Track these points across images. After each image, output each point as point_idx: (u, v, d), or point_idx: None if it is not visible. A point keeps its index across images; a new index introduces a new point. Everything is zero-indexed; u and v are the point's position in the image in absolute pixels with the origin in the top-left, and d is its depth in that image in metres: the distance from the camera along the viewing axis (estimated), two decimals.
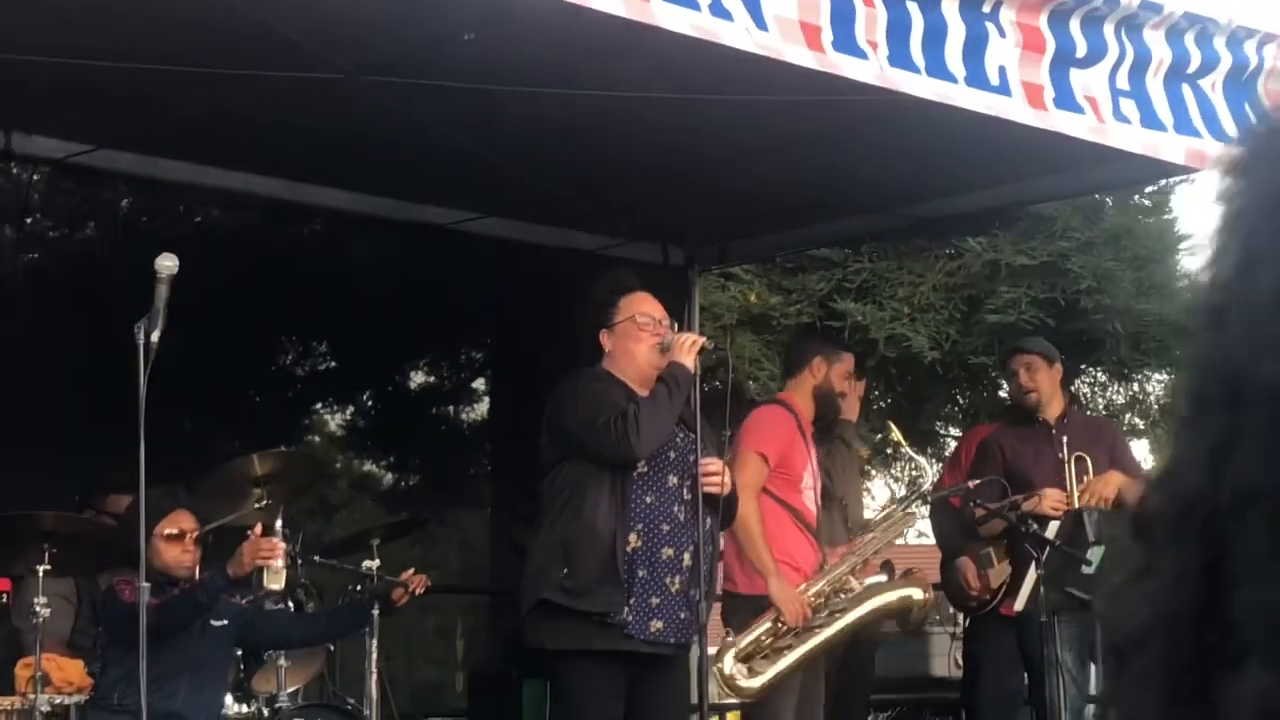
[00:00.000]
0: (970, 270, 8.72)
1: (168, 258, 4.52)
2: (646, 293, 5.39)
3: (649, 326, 5.24)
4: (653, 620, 4.97)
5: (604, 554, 4.95)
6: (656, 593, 4.98)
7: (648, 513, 5.02)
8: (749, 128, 6.68)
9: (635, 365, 5.21)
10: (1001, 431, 6.92)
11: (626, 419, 4.96)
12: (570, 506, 5.04)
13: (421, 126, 6.41)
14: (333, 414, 12.98)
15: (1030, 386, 6.66)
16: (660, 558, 5.00)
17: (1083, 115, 5.58)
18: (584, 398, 5.12)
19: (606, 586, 4.94)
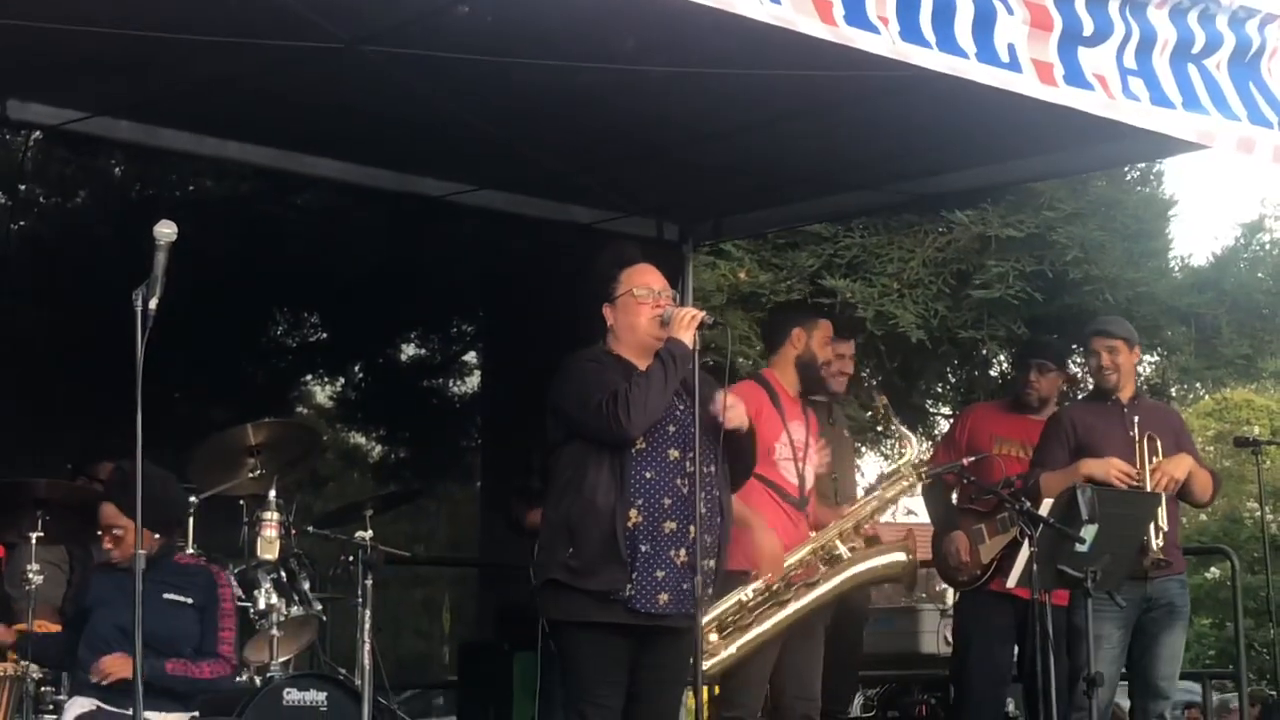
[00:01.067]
0: (958, 244, 8.72)
1: (166, 225, 4.49)
2: (648, 264, 5.37)
3: (648, 299, 5.22)
4: (659, 593, 4.97)
5: (605, 532, 4.95)
6: (661, 566, 4.97)
7: (648, 488, 5.01)
8: (745, 103, 6.68)
9: (636, 338, 5.20)
10: (1075, 407, 6.92)
11: (618, 399, 4.95)
12: (572, 485, 5.05)
13: (418, 97, 6.40)
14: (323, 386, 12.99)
15: (1111, 368, 6.68)
16: (663, 532, 4.99)
17: (1093, 92, 5.57)
18: (578, 379, 5.11)
19: (610, 565, 4.94)
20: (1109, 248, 8.53)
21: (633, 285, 5.24)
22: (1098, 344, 6.75)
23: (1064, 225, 8.49)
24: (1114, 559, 5.97)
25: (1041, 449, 6.72)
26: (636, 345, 5.21)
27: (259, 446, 6.45)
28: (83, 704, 5.34)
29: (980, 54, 5.45)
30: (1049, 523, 5.85)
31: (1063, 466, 6.53)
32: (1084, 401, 7.04)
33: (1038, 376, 7.26)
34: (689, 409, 5.11)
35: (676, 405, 5.15)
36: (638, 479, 4.99)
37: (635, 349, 5.21)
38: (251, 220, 9.82)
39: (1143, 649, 6.55)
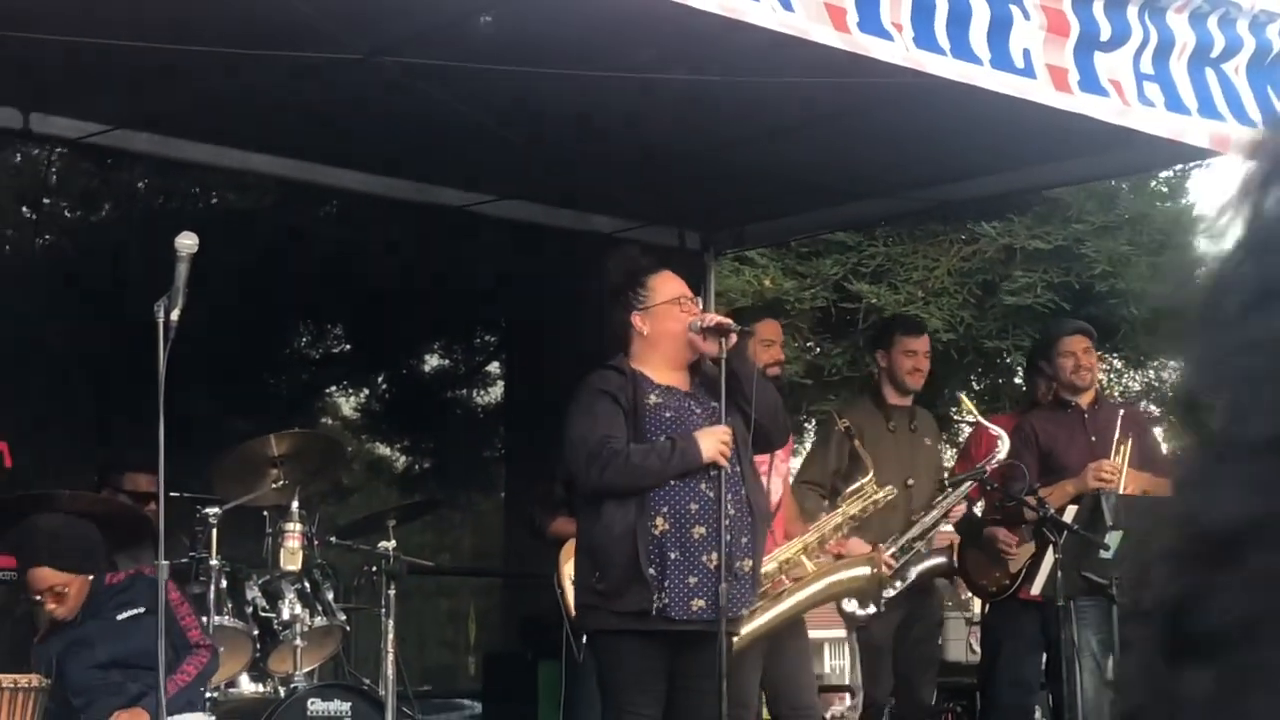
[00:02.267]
0: (985, 254, 8.71)
1: (187, 236, 4.51)
2: (669, 270, 5.37)
3: (689, 307, 5.24)
4: (693, 599, 4.96)
5: (627, 554, 4.94)
6: (693, 571, 4.96)
7: (672, 495, 4.99)
8: (766, 111, 6.67)
9: (674, 347, 5.17)
10: (1035, 416, 6.89)
11: (604, 456, 4.92)
12: (591, 507, 5.05)
13: (438, 108, 6.40)
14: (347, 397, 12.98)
15: (1088, 367, 6.66)
16: (692, 537, 4.97)
17: (1107, 98, 5.57)
18: (585, 412, 5.08)
19: (636, 585, 4.94)
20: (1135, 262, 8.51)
21: (672, 294, 5.22)
22: (1075, 344, 6.70)
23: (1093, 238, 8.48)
24: None
25: (1020, 451, 6.62)
26: (671, 355, 5.18)
27: (282, 457, 6.45)
28: None
29: (994, 60, 5.46)
30: (1073, 529, 5.84)
31: (1034, 476, 6.49)
32: (1044, 411, 6.97)
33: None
34: (707, 414, 5.10)
35: (694, 410, 5.13)
36: (662, 487, 4.98)
37: (666, 359, 5.18)
38: (274, 232, 9.84)
39: None
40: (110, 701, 5.39)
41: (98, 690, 5.48)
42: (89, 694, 5.48)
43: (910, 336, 6.98)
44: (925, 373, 6.96)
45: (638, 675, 5.03)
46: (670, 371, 5.18)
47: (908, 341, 6.93)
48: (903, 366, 6.90)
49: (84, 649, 5.51)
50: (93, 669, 5.47)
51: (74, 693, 5.50)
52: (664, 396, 5.13)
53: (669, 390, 5.16)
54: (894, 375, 6.93)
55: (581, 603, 5.12)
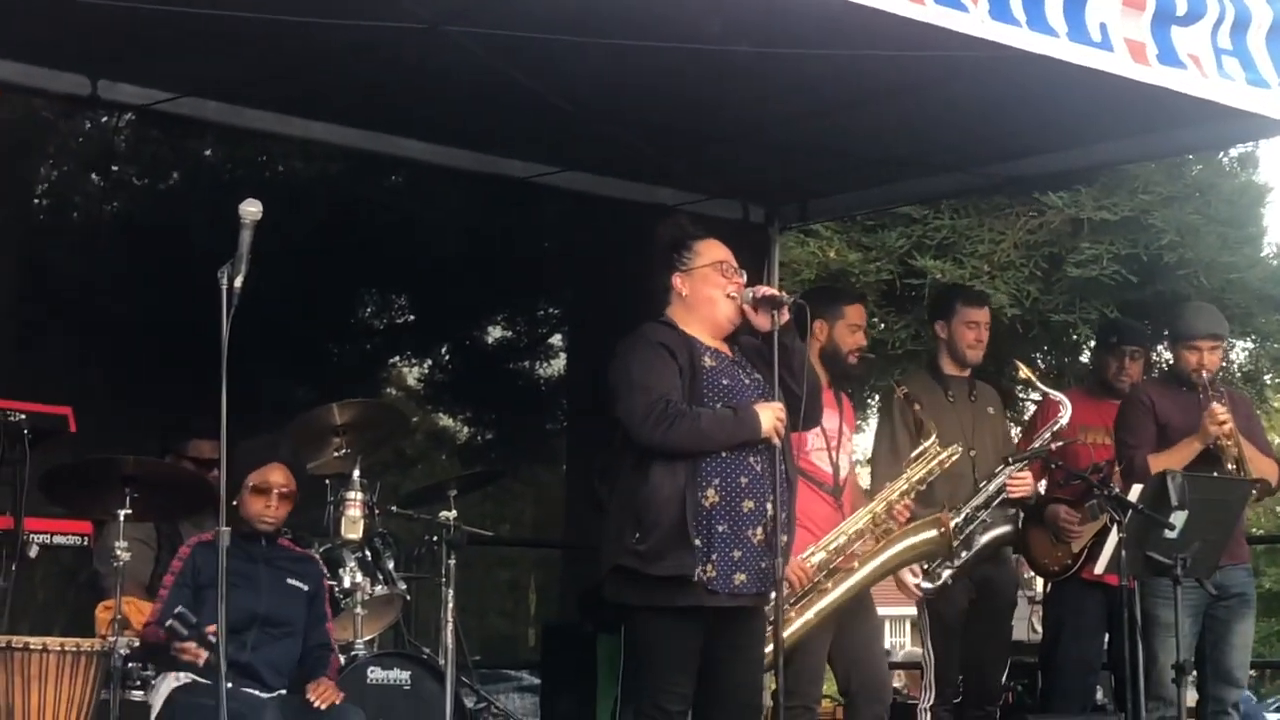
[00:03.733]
0: (1051, 226, 8.61)
1: (252, 203, 4.50)
2: (717, 239, 5.32)
3: (731, 274, 5.16)
4: (736, 574, 4.91)
5: (674, 517, 4.85)
6: (738, 546, 4.91)
7: (724, 467, 4.94)
8: (833, 84, 6.63)
9: (713, 313, 5.12)
10: (1151, 387, 6.78)
11: (669, 414, 4.84)
12: (638, 469, 4.95)
13: (503, 78, 6.39)
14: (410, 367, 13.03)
15: (1211, 369, 6.56)
16: (741, 511, 4.93)
17: (1186, 72, 5.49)
18: (640, 364, 4.99)
19: (679, 550, 4.85)
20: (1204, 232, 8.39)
21: (716, 258, 5.17)
22: (1204, 344, 6.58)
23: (1160, 209, 8.35)
24: (1204, 546, 5.89)
25: (1131, 429, 6.58)
26: (710, 320, 5.13)
27: (344, 426, 6.47)
28: (177, 676, 5.35)
29: (1071, 33, 5.39)
30: (1138, 508, 5.78)
31: (1152, 445, 6.43)
32: (1158, 384, 6.88)
33: (1131, 363, 7.21)
34: (757, 386, 5.06)
35: (743, 380, 5.09)
36: (714, 458, 4.93)
37: (706, 324, 5.12)
38: (339, 201, 9.87)
39: (1217, 638, 6.46)
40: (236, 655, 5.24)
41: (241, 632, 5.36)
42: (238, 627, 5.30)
43: (972, 307, 6.90)
44: (984, 345, 6.88)
45: (675, 653, 4.96)
46: (711, 337, 5.14)
47: (970, 312, 6.86)
48: (964, 338, 6.83)
49: (248, 587, 5.41)
50: (243, 610, 5.32)
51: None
52: (717, 360, 5.08)
53: (719, 354, 5.11)
54: (954, 346, 6.85)
55: (616, 563, 4.96)
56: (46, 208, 9.94)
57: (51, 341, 8.68)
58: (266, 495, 5.55)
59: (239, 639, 5.23)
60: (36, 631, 5.45)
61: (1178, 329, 6.72)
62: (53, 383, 6.78)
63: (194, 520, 6.40)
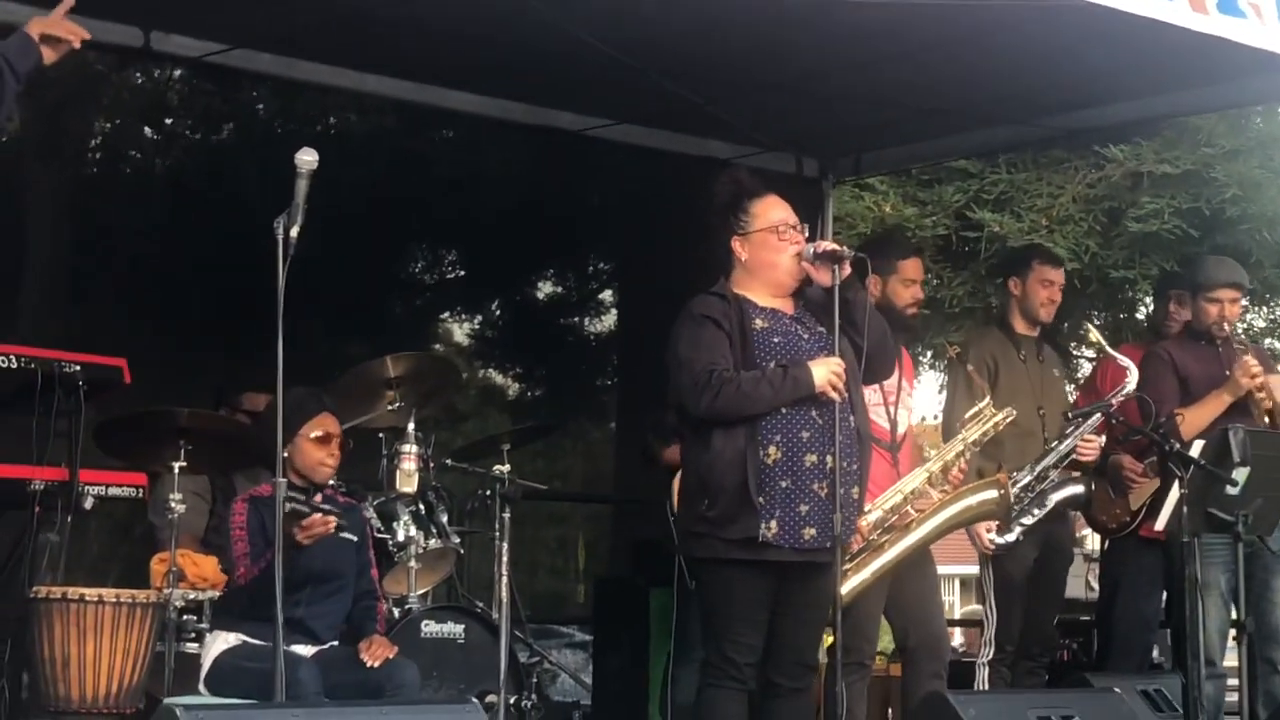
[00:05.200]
0: (1111, 180, 8.49)
1: (308, 152, 4.48)
2: (776, 196, 5.24)
3: (789, 235, 5.10)
4: (804, 528, 4.89)
5: (738, 480, 4.87)
6: (805, 500, 4.89)
7: (784, 423, 4.91)
8: (888, 34, 6.55)
9: (775, 275, 5.07)
10: (1171, 345, 6.70)
11: (713, 382, 4.84)
12: (700, 437, 4.97)
13: (555, 29, 6.32)
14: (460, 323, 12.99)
15: (1232, 320, 6.49)
16: (803, 465, 4.90)
17: (1246, 20, 5.41)
18: (688, 338, 4.98)
19: (747, 512, 4.87)
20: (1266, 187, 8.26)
21: (774, 221, 5.10)
22: (1225, 294, 6.50)
23: (1222, 162, 8.22)
24: (1267, 502, 5.81)
25: (1153, 384, 6.48)
26: (772, 283, 5.08)
27: (398, 379, 6.45)
28: (226, 638, 5.34)
29: None
30: (1200, 464, 5.70)
31: (1174, 402, 6.36)
32: (1176, 339, 6.79)
33: (1178, 308, 7.14)
34: (814, 339, 5.01)
35: (802, 335, 5.04)
36: (774, 415, 4.90)
37: (768, 286, 5.08)
38: (392, 155, 9.82)
39: (1258, 596, 6.36)
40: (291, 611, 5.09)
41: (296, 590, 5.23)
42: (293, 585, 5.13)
43: (1049, 266, 6.84)
44: (1056, 306, 6.82)
45: (743, 605, 4.98)
46: (773, 297, 5.09)
47: (1046, 271, 6.79)
48: (1039, 296, 6.76)
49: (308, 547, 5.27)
50: (299, 568, 5.22)
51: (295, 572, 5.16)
52: (770, 320, 5.04)
53: (774, 314, 5.07)
54: (1027, 304, 6.78)
55: (688, 530, 5.05)
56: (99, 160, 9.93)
57: (104, 294, 8.69)
58: (328, 444, 5.53)
59: (294, 596, 5.19)
60: (91, 583, 5.47)
61: (1197, 280, 6.65)
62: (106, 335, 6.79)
63: (247, 473, 6.41)
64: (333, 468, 5.54)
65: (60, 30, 4.48)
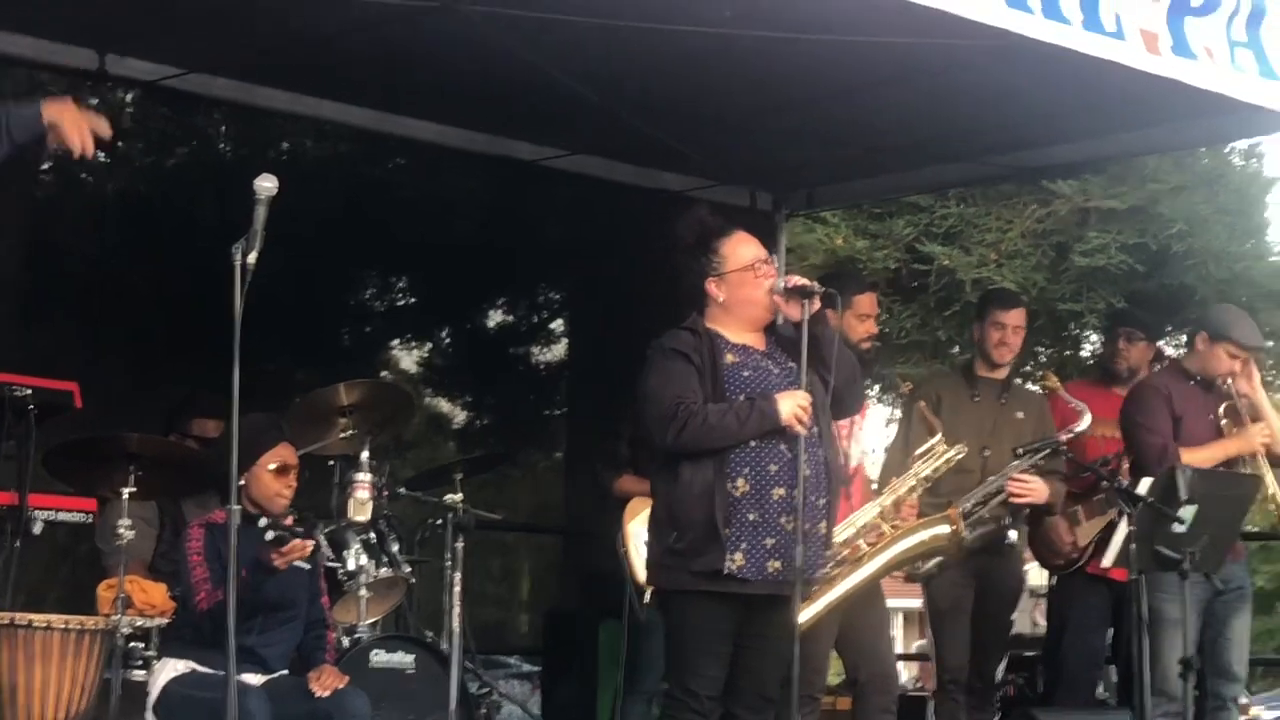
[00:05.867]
0: (1058, 215, 8.57)
1: (267, 179, 4.47)
2: (742, 230, 5.27)
3: (764, 271, 5.12)
4: (769, 561, 4.90)
5: (707, 513, 4.88)
6: (771, 533, 4.90)
7: (753, 456, 4.92)
8: (842, 71, 6.59)
9: (752, 313, 5.09)
10: (1167, 378, 6.68)
11: (679, 415, 4.86)
12: (670, 469, 4.99)
13: (515, 59, 6.34)
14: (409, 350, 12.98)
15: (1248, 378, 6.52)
16: (771, 498, 4.91)
17: (1198, 63, 5.47)
18: (659, 373, 5.00)
19: (713, 545, 4.88)
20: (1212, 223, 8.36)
21: (747, 260, 5.12)
22: (1244, 354, 6.51)
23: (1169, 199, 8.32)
24: (1212, 540, 5.85)
25: (1151, 416, 6.47)
26: (747, 319, 5.10)
27: (351, 407, 6.43)
28: (176, 666, 5.31)
29: (1086, 21, 5.38)
30: (1148, 502, 5.74)
31: (1168, 435, 6.39)
32: (1171, 375, 6.77)
33: (1126, 345, 7.21)
34: (784, 374, 5.03)
35: (772, 370, 5.06)
36: (742, 448, 4.92)
37: (743, 323, 5.10)
38: (346, 181, 9.82)
39: (1216, 634, 6.41)
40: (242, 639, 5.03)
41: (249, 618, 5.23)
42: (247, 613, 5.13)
43: (1000, 309, 6.89)
44: (1013, 348, 6.86)
45: (706, 637, 4.97)
46: (746, 332, 5.11)
47: (996, 313, 6.86)
48: (989, 339, 6.83)
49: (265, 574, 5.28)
50: (266, 594, 5.28)
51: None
52: (741, 355, 5.06)
53: (745, 349, 5.09)
54: (982, 347, 6.86)
55: (657, 562, 5.05)
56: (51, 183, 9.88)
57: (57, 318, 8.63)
58: (285, 475, 5.51)
59: (247, 624, 5.17)
60: (28, 608, 5.41)
61: (1224, 330, 6.54)
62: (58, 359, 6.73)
63: (197, 500, 6.37)
64: (288, 499, 5.53)
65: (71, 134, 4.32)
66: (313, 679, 5.33)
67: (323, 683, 5.31)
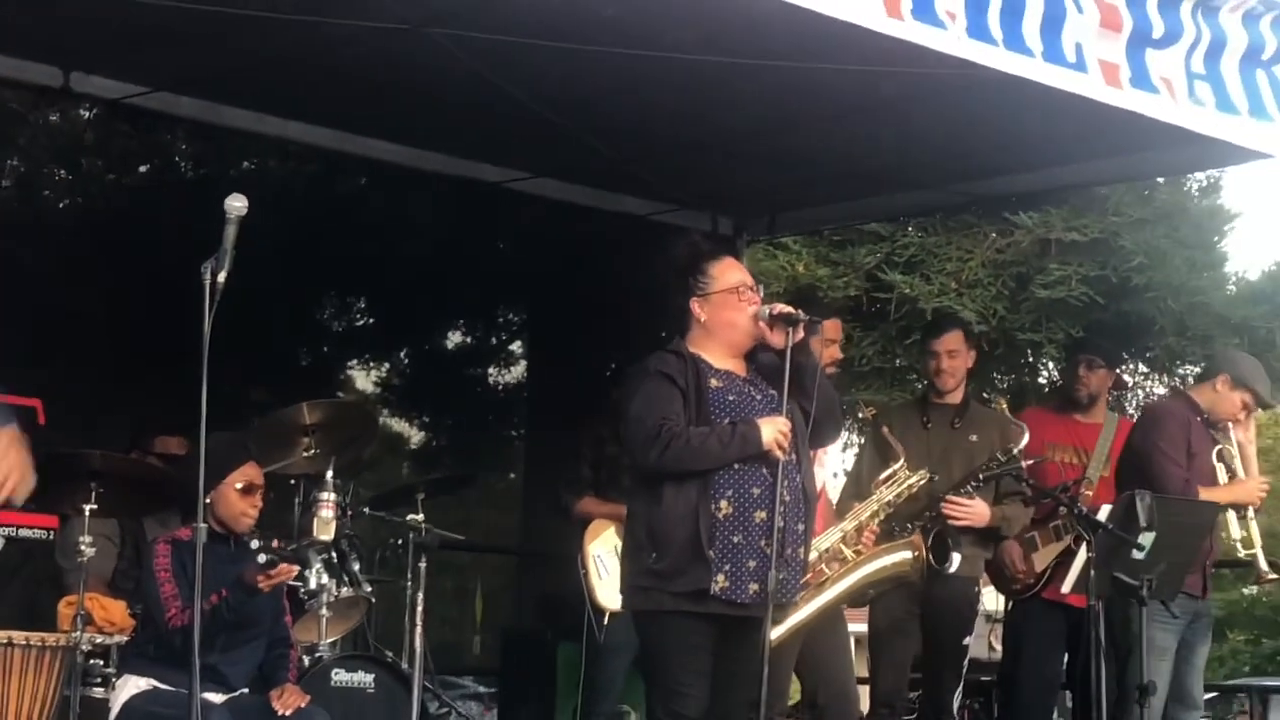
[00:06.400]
0: (1020, 246, 8.64)
1: (237, 198, 4.47)
2: (732, 258, 5.33)
3: (748, 296, 5.16)
4: (750, 583, 4.92)
5: (689, 534, 4.90)
6: (753, 556, 4.92)
7: (737, 479, 4.95)
8: (806, 98, 6.65)
9: (734, 335, 5.12)
10: (1188, 409, 6.73)
11: (661, 437, 4.89)
12: (651, 490, 4.99)
13: (480, 82, 6.38)
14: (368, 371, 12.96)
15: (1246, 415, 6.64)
16: (753, 521, 4.93)
17: (1158, 96, 5.53)
18: (642, 394, 5.03)
19: (696, 566, 4.89)
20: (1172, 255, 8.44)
21: (734, 283, 5.15)
22: (1256, 406, 6.64)
23: (1130, 231, 8.40)
24: (1170, 567, 5.92)
25: (1174, 445, 6.53)
26: (729, 343, 5.13)
27: (314, 426, 6.44)
28: (137, 683, 5.29)
29: (1047, 53, 5.42)
30: (1107, 528, 5.80)
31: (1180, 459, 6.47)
32: (1184, 406, 6.77)
33: (1086, 372, 7.26)
34: (766, 401, 5.06)
35: (755, 396, 5.09)
36: (726, 470, 4.94)
37: (725, 346, 5.12)
38: (309, 201, 9.81)
39: (1179, 660, 6.50)
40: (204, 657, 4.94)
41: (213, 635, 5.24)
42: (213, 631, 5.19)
43: (931, 338, 7.00)
44: (953, 372, 6.89)
45: (689, 657, 4.98)
46: (728, 358, 5.15)
47: (930, 342, 6.99)
48: (928, 368, 6.96)
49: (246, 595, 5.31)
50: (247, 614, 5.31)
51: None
52: (725, 381, 5.09)
53: (729, 375, 5.12)
54: (928, 376, 6.98)
55: (634, 584, 5.05)
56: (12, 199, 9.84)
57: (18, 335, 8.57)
58: (252, 495, 5.52)
59: (212, 642, 5.17)
60: None
61: (1248, 379, 6.67)
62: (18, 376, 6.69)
63: (158, 517, 6.36)
64: (254, 518, 5.53)
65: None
66: (275, 697, 5.32)
67: (285, 701, 5.30)
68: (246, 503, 5.49)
